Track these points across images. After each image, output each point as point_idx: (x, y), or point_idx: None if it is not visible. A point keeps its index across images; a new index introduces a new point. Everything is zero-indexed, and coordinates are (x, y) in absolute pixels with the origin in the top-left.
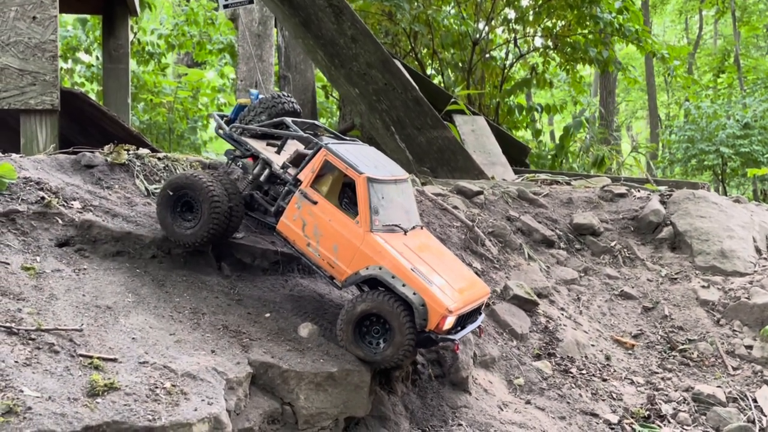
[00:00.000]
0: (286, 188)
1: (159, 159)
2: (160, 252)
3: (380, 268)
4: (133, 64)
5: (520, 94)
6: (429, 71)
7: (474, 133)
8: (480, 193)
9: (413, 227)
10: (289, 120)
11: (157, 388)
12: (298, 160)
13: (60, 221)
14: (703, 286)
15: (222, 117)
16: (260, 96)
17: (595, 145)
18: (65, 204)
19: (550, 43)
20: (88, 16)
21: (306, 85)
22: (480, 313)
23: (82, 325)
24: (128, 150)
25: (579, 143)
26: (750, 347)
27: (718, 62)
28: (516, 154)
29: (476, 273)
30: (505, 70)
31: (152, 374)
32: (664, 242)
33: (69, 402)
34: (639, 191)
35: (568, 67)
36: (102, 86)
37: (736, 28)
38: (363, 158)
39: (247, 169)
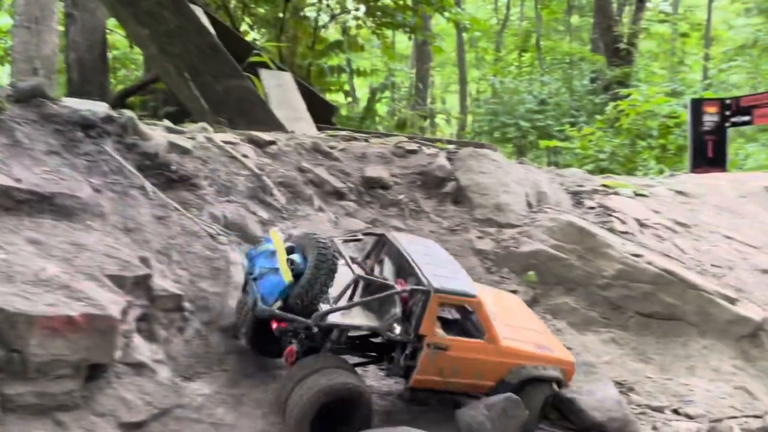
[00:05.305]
0: (409, 349)
1: None
2: None
3: (524, 368)
4: None
5: (334, 57)
6: (243, 27)
7: (280, 88)
8: (273, 143)
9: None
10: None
11: None
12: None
13: None
14: (479, 237)
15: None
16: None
17: (402, 109)
18: None
19: (361, 6)
20: None
21: (96, 26)
22: None
23: None
24: None
25: (388, 107)
26: (515, 292)
27: (521, 42)
28: (324, 113)
29: (262, 222)
30: (317, 30)
31: None
32: (448, 196)
33: None
34: (429, 149)
35: (377, 31)
36: None
37: (538, 11)
38: (452, 271)
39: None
